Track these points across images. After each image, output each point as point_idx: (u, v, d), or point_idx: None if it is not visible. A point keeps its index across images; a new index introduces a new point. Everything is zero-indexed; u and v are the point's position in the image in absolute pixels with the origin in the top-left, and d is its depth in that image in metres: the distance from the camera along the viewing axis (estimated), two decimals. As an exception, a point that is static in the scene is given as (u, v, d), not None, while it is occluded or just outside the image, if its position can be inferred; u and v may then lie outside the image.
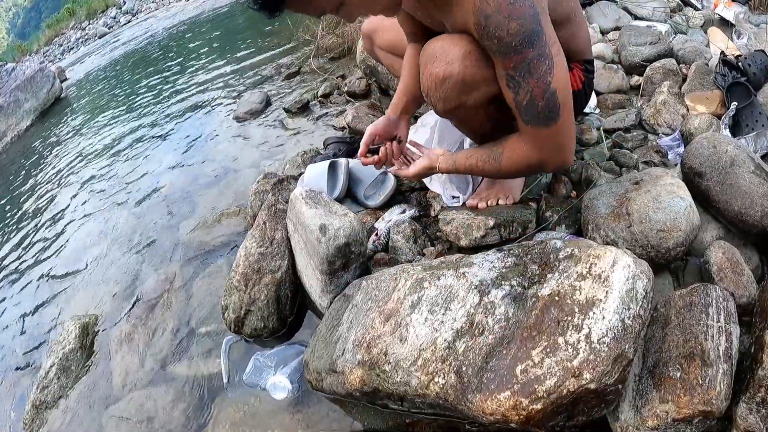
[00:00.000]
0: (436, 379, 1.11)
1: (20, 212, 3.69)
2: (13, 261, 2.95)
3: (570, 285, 1.09)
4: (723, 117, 1.83)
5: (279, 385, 1.45)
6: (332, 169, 1.93)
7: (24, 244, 3.10)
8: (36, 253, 2.89)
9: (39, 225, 3.27)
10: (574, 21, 1.42)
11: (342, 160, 1.95)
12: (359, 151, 1.65)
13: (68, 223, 3.04)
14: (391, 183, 1.89)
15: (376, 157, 1.65)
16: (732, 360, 1.08)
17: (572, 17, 1.41)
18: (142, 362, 1.75)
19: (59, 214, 3.25)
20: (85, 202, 3.21)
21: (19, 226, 3.43)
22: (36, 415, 1.72)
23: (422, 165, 1.56)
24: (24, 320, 2.33)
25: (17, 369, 2.06)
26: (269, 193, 2.00)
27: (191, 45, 6.58)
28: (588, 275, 1.09)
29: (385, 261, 1.64)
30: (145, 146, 3.65)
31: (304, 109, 3.08)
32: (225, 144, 3.09)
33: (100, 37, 12.50)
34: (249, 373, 1.53)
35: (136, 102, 4.94)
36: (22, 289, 2.58)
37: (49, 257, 2.76)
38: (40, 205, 3.59)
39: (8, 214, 3.78)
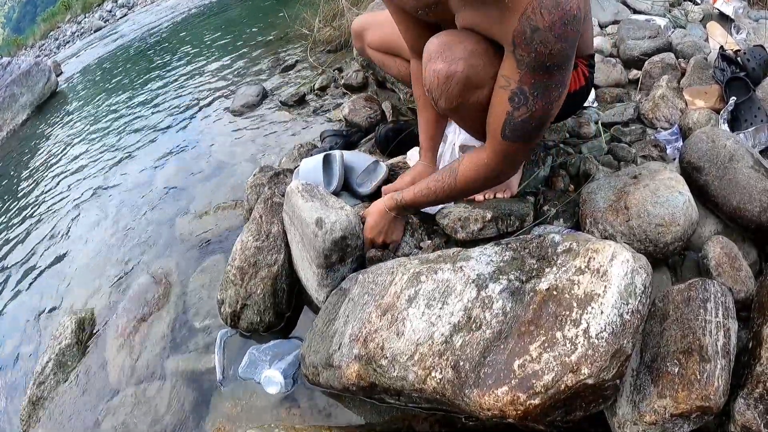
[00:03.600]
0: (433, 374, 1.10)
1: (15, 207, 3.67)
2: (8, 256, 2.94)
3: (568, 279, 1.09)
4: (722, 112, 1.82)
5: (272, 379, 1.44)
6: (327, 162, 1.92)
7: (19, 239, 3.08)
8: (31, 248, 2.87)
9: (34, 220, 3.25)
10: (587, 18, 1.40)
11: (336, 153, 1.93)
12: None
13: (63, 218, 3.02)
14: (382, 171, 1.89)
15: None
16: (730, 355, 1.08)
17: (587, 15, 1.38)
18: (138, 357, 1.74)
19: (54, 209, 3.23)
20: (80, 197, 3.19)
21: (14, 221, 3.41)
22: (33, 410, 1.71)
23: (371, 216, 1.59)
24: (19, 316, 2.31)
25: (13, 365, 2.05)
26: (265, 187, 1.99)
27: (187, 38, 6.55)
28: (586, 270, 1.09)
29: (379, 258, 1.63)
30: (140, 140, 3.63)
31: (300, 102, 3.07)
32: (221, 137, 3.07)
33: (95, 31, 12.44)
34: (244, 366, 1.53)
35: (131, 96, 4.92)
36: (17, 285, 2.57)
37: (44, 252, 2.74)
38: (35, 200, 3.57)
39: (3, 209, 3.76)
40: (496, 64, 1.19)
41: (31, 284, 2.51)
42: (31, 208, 3.47)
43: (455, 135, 1.71)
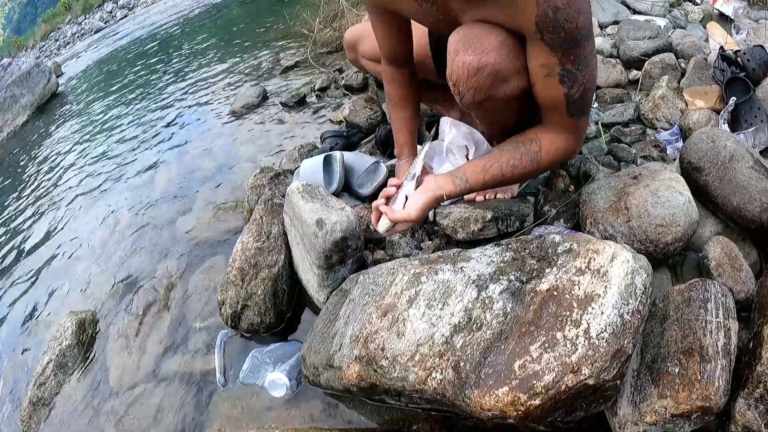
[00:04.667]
0: (433, 375, 1.10)
1: (16, 208, 3.67)
2: (9, 256, 2.94)
3: (568, 280, 1.09)
4: (722, 112, 1.82)
5: (277, 382, 1.44)
6: (327, 163, 1.92)
7: (20, 240, 3.08)
8: (32, 249, 2.87)
9: (35, 221, 3.25)
10: None
11: (336, 153, 1.93)
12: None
13: (64, 219, 3.02)
14: (383, 172, 1.89)
15: None
16: (730, 356, 1.08)
17: None
18: (139, 358, 1.74)
19: (55, 210, 3.23)
20: (81, 198, 3.19)
21: (15, 222, 3.41)
22: (33, 412, 1.71)
23: (423, 200, 1.34)
24: (20, 316, 2.31)
25: (14, 366, 2.04)
26: (266, 188, 1.99)
27: (187, 39, 6.55)
28: (587, 270, 1.09)
29: (380, 258, 1.63)
30: (140, 141, 3.63)
31: (301, 102, 3.07)
32: (221, 138, 3.07)
33: (96, 32, 12.47)
34: (246, 371, 1.53)
35: (131, 97, 4.92)
36: (18, 285, 2.57)
37: (44, 253, 2.74)
38: (36, 201, 3.57)
39: (4, 210, 3.76)
40: (521, 56, 1.21)
41: (31, 285, 2.50)
42: (31, 209, 3.46)
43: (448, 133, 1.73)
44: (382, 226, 1.39)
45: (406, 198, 1.38)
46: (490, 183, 1.37)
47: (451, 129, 1.71)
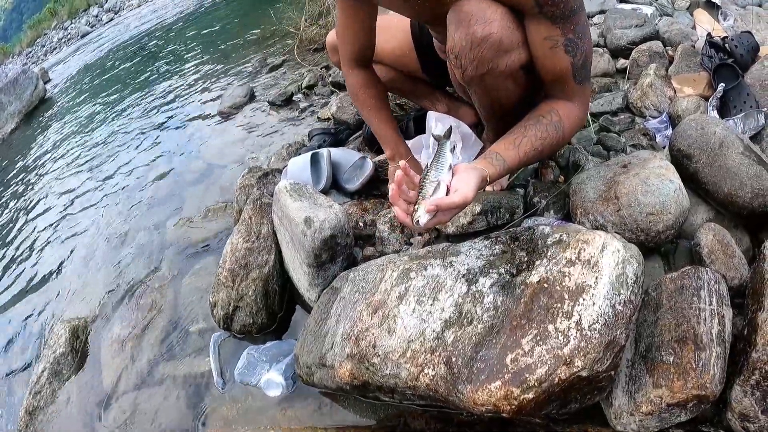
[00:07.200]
0: (425, 371, 1.09)
1: (6, 215, 3.66)
2: (0, 266, 2.92)
3: (559, 271, 1.08)
4: (710, 98, 1.81)
5: (273, 381, 1.44)
6: (315, 160, 1.91)
7: (11, 248, 3.06)
8: (23, 257, 2.86)
9: (24, 229, 3.23)
10: None
11: (323, 151, 1.93)
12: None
13: (54, 226, 3.01)
14: (369, 167, 1.88)
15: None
16: (725, 343, 1.07)
17: None
18: (133, 363, 1.73)
19: (46, 217, 3.22)
20: (71, 203, 3.18)
21: (6, 230, 3.39)
22: (30, 421, 1.70)
23: (475, 180, 1.16)
24: (13, 326, 2.30)
25: (9, 375, 2.03)
26: (254, 188, 1.98)
27: (173, 41, 6.54)
28: (577, 261, 1.08)
29: (370, 255, 1.62)
30: (129, 145, 3.62)
31: (288, 101, 3.06)
32: (210, 139, 3.07)
33: (82, 37, 12.41)
34: (241, 368, 1.52)
35: (120, 101, 4.91)
36: (9, 295, 2.56)
37: (36, 261, 2.73)
38: (26, 208, 3.56)
39: (-6, 219, 3.74)
40: (521, 29, 1.23)
41: (22, 294, 2.50)
42: (22, 216, 3.45)
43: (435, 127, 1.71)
44: (422, 218, 1.11)
45: (447, 189, 1.17)
46: (524, 160, 1.30)
47: (437, 123, 1.70)
